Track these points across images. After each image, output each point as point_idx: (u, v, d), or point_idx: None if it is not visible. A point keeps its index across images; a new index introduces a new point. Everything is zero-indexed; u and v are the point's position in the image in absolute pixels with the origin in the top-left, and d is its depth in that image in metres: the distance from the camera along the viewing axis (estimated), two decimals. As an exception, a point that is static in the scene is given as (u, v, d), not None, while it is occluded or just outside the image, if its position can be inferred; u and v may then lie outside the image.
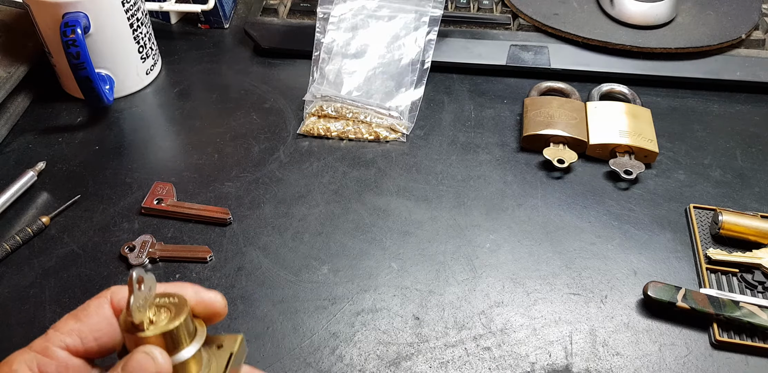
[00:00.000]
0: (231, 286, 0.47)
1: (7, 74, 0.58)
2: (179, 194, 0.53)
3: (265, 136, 0.59)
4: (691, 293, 0.45)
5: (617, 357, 0.43)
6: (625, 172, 0.54)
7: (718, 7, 0.67)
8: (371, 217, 0.52)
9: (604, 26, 0.65)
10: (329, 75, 0.62)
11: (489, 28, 0.67)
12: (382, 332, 0.45)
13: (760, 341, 0.44)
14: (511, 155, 0.58)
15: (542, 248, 0.50)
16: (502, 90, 0.64)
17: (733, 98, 0.64)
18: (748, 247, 0.49)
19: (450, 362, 0.43)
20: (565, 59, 0.64)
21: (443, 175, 0.56)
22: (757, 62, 0.63)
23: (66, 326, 0.30)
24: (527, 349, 0.44)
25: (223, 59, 0.68)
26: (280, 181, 0.55)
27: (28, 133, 0.59)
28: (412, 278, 0.48)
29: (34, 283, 0.47)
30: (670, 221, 0.52)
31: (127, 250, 0.49)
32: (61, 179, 0.55)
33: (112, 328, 0.30)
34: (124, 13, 0.58)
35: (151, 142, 0.59)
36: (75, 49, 0.53)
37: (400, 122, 0.59)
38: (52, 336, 0.30)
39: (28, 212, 0.52)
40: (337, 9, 0.64)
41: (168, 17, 0.72)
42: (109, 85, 0.60)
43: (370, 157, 0.57)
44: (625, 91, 0.61)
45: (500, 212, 0.53)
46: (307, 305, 0.46)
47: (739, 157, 0.58)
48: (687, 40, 0.63)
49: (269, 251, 0.50)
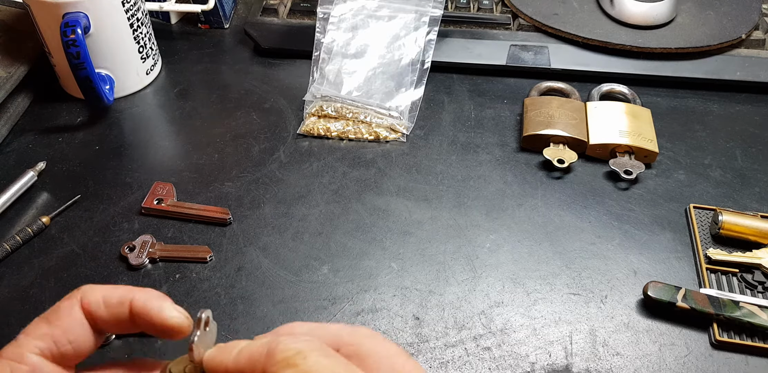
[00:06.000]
0: (231, 286, 0.47)
1: (7, 74, 0.58)
2: (179, 194, 0.53)
3: (265, 136, 0.59)
4: (691, 293, 0.45)
5: (617, 357, 0.43)
6: (625, 172, 0.54)
7: (718, 7, 0.67)
8: (371, 217, 0.52)
9: (604, 26, 0.65)
10: (329, 75, 0.62)
11: (489, 28, 0.67)
12: (382, 332, 0.44)
13: (760, 341, 0.44)
14: (511, 155, 0.58)
15: (542, 248, 0.50)
16: (502, 90, 0.64)
17: (733, 98, 0.64)
18: (748, 247, 0.49)
19: (450, 362, 0.43)
20: (565, 59, 0.64)
21: (443, 175, 0.56)
22: (757, 62, 0.63)
23: (37, 330, 0.29)
24: (527, 349, 0.44)
25: (223, 59, 0.68)
26: (280, 181, 0.55)
27: (28, 133, 0.59)
28: (412, 278, 0.48)
29: (34, 283, 0.47)
30: (670, 221, 0.52)
31: (127, 250, 0.49)
32: (61, 179, 0.55)
33: (85, 330, 0.29)
34: (124, 13, 0.58)
35: (151, 142, 0.59)
36: (75, 49, 0.53)
37: (400, 122, 0.59)
38: (24, 342, 0.28)
39: (28, 212, 0.52)
40: (337, 9, 0.64)
41: (168, 17, 0.72)
42: (109, 85, 0.60)
43: (370, 157, 0.57)
44: (625, 91, 0.61)
45: (500, 212, 0.53)
46: (307, 305, 0.46)
47: (739, 157, 0.58)
48: (687, 40, 0.63)
49: (269, 251, 0.50)
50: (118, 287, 0.30)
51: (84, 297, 0.30)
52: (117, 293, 0.30)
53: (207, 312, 0.28)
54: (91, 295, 0.30)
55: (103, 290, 0.30)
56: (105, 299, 0.30)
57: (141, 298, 0.29)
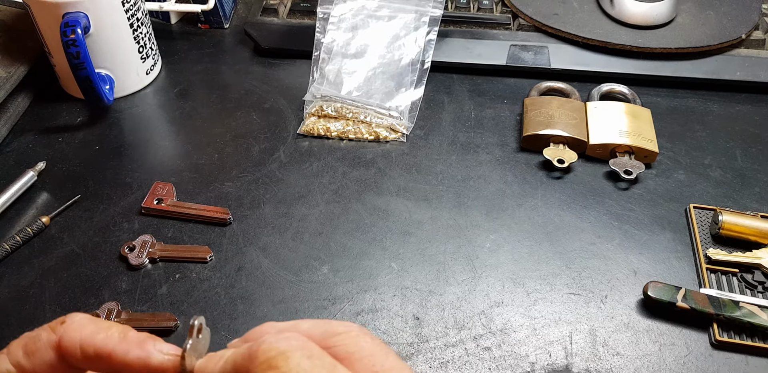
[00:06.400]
0: (231, 286, 0.47)
1: (7, 74, 0.58)
2: (179, 194, 0.53)
3: (265, 136, 0.59)
4: (691, 293, 0.45)
5: (617, 357, 0.43)
6: (625, 172, 0.54)
7: (718, 7, 0.67)
8: (371, 217, 0.52)
9: (604, 26, 0.65)
10: (329, 75, 0.62)
11: (489, 28, 0.67)
12: (382, 332, 0.45)
13: (760, 341, 0.44)
14: (511, 155, 0.58)
15: (542, 248, 0.50)
16: (502, 90, 0.64)
17: (733, 98, 0.64)
18: (748, 247, 0.49)
19: (450, 362, 0.43)
20: (565, 59, 0.64)
21: (443, 175, 0.56)
22: (757, 62, 0.63)
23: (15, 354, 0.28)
24: (527, 349, 0.44)
25: (223, 59, 0.68)
26: (280, 181, 0.55)
27: (28, 133, 0.59)
28: (412, 278, 0.48)
29: (34, 283, 0.47)
30: (670, 221, 0.52)
31: (127, 250, 0.49)
32: (61, 179, 0.55)
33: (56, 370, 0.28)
34: (124, 13, 0.58)
35: (151, 142, 0.59)
36: (75, 49, 0.53)
37: (400, 122, 0.59)
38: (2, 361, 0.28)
39: (28, 212, 0.52)
40: (337, 9, 0.64)
41: (168, 17, 0.72)
42: (109, 85, 0.60)
43: (370, 157, 0.57)
44: (625, 91, 0.61)
45: (500, 212, 0.53)
46: (307, 305, 0.46)
47: (739, 157, 0.58)
48: (687, 40, 0.63)
49: (269, 251, 0.50)
50: (98, 331, 0.28)
51: (62, 337, 0.28)
52: (95, 341, 0.28)
53: (200, 319, 0.28)
54: (70, 337, 0.28)
55: (83, 334, 0.28)
56: (82, 347, 0.28)
57: (120, 351, 0.28)
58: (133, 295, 0.47)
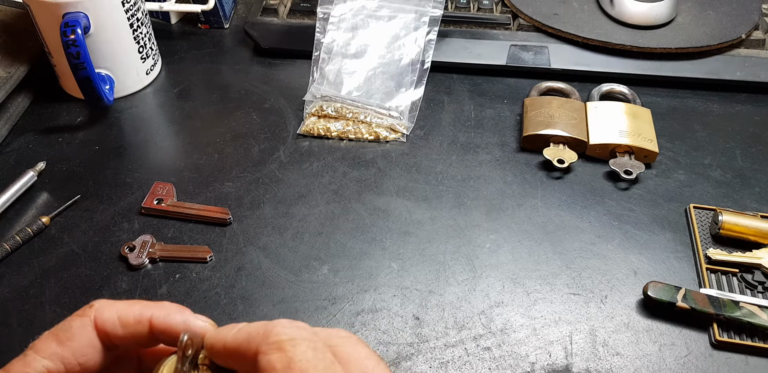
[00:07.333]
0: (231, 286, 0.47)
1: (7, 74, 0.58)
2: (179, 194, 0.53)
3: (265, 136, 0.59)
4: (691, 293, 0.45)
5: (617, 357, 0.43)
6: (625, 172, 0.54)
7: (718, 7, 0.67)
8: (371, 217, 0.52)
9: (604, 26, 0.65)
10: (329, 75, 0.62)
11: (489, 28, 0.67)
12: (382, 332, 0.45)
13: (760, 341, 0.44)
14: (511, 155, 0.58)
15: (542, 248, 0.50)
16: (502, 90, 0.64)
17: (733, 98, 0.64)
18: (748, 247, 0.49)
19: (450, 362, 0.43)
20: (565, 59, 0.64)
21: (443, 175, 0.56)
22: (757, 62, 0.63)
23: (47, 348, 0.28)
24: (527, 349, 0.44)
25: (223, 59, 0.68)
26: (280, 181, 0.55)
27: (28, 133, 0.59)
28: (412, 278, 0.48)
29: (34, 283, 0.47)
30: (670, 221, 0.52)
31: (127, 250, 0.49)
32: (61, 179, 0.55)
33: (95, 351, 0.29)
34: (124, 13, 0.58)
35: (151, 142, 0.59)
36: (75, 49, 0.53)
37: (400, 122, 0.59)
38: (32, 360, 0.28)
39: (28, 212, 0.52)
40: (337, 9, 0.64)
41: (168, 17, 0.72)
42: (109, 85, 0.60)
43: (370, 158, 0.57)
44: (625, 91, 0.61)
45: (500, 212, 0.53)
46: (307, 305, 0.46)
47: (739, 157, 0.58)
48: (687, 40, 0.63)
49: (269, 251, 0.50)
50: (132, 304, 0.29)
51: (98, 316, 0.29)
52: (133, 311, 0.29)
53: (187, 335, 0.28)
54: (106, 313, 0.29)
55: (118, 307, 0.29)
56: (121, 318, 0.29)
57: (160, 315, 0.29)
58: (133, 295, 0.47)
